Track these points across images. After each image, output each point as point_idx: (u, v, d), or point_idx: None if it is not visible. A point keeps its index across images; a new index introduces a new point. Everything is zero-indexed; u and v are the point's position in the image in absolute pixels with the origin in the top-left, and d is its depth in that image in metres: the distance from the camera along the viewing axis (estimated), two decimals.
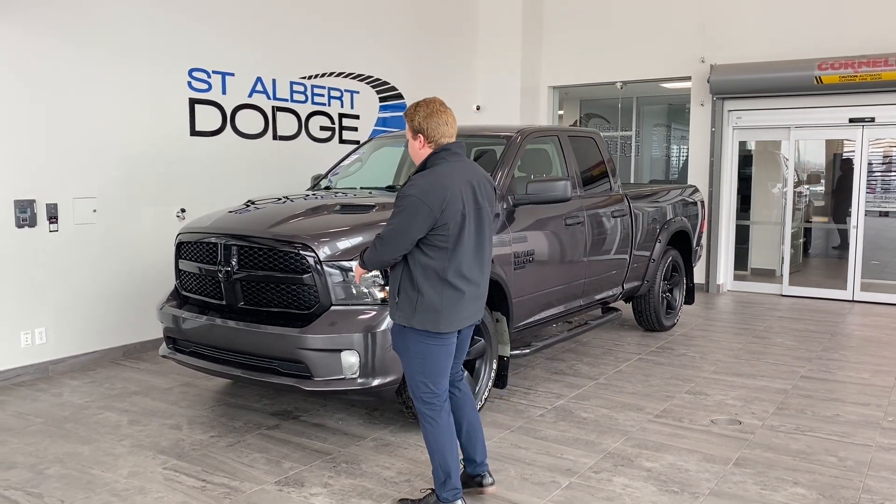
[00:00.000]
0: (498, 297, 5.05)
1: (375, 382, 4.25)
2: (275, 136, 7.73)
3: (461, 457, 3.66)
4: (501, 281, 4.96)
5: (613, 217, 6.44)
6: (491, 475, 3.76)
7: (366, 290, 4.28)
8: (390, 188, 5.57)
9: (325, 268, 4.24)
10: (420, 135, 3.35)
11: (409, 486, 3.89)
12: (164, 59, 6.59)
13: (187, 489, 3.85)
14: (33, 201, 5.74)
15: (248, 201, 5.38)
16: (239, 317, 4.54)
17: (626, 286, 6.85)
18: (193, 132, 6.92)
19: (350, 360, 4.20)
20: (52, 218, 5.88)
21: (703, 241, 9.89)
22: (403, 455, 4.31)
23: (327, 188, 5.98)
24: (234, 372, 4.51)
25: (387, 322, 4.19)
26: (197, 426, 4.79)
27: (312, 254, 4.24)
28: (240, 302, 4.55)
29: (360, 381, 4.22)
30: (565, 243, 5.77)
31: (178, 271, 5.02)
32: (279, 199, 5.35)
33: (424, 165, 3.36)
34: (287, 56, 7.77)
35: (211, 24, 6.98)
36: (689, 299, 8.03)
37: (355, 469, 4.12)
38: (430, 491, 3.60)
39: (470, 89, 10.78)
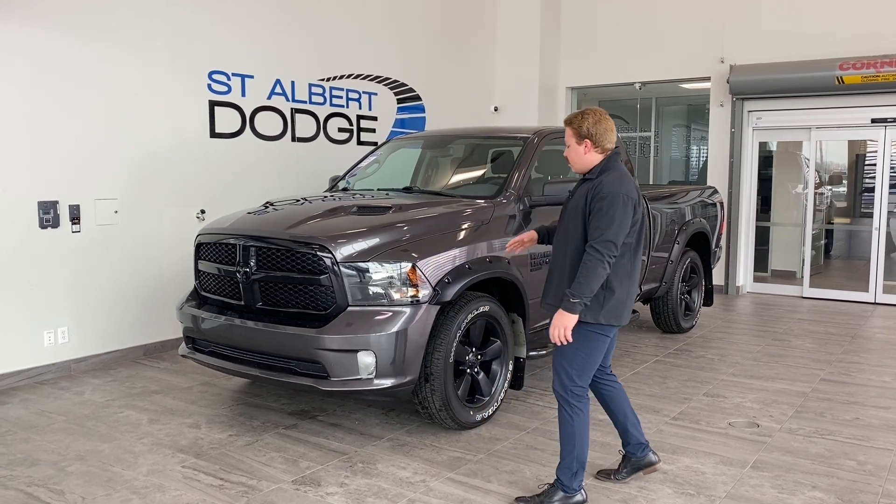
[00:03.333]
0: (514, 299, 5.07)
1: (391, 383, 4.27)
2: (293, 138, 7.79)
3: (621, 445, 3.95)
4: (517, 282, 4.97)
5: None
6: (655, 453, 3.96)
7: (383, 292, 4.30)
8: (407, 189, 5.59)
9: (342, 269, 4.27)
10: (588, 140, 3.50)
11: (425, 487, 3.91)
12: (184, 61, 6.66)
13: (206, 487, 3.89)
14: (56, 202, 5.83)
15: (267, 202, 5.43)
16: (257, 317, 4.58)
17: (643, 288, 6.82)
18: (213, 134, 6.99)
19: (366, 360, 4.23)
20: (75, 219, 5.96)
21: (723, 242, 9.85)
22: (419, 455, 4.33)
23: (345, 189, 6.01)
24: (252, 372, 4.55)
25: (402, 322, 4.22)
26: (215, 425, 4.84)
27: (329, 255, 4.28)
28: (258, 302, 4.60)
29: (376, 381, 4.25)
30: None
31: (197, 272, 5.07)
32: (297, 200, 5.40)
33: (604, 168, 3.50)
34: (305, 58, 7.83)
35: (231, 26, 7.05)
36: (708, 301, 7.98)
37: (371, 469, 4.14)
38: (548, 486, 3.67)
39: (488, 90, 10.79)
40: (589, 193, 3.44)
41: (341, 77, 8.29)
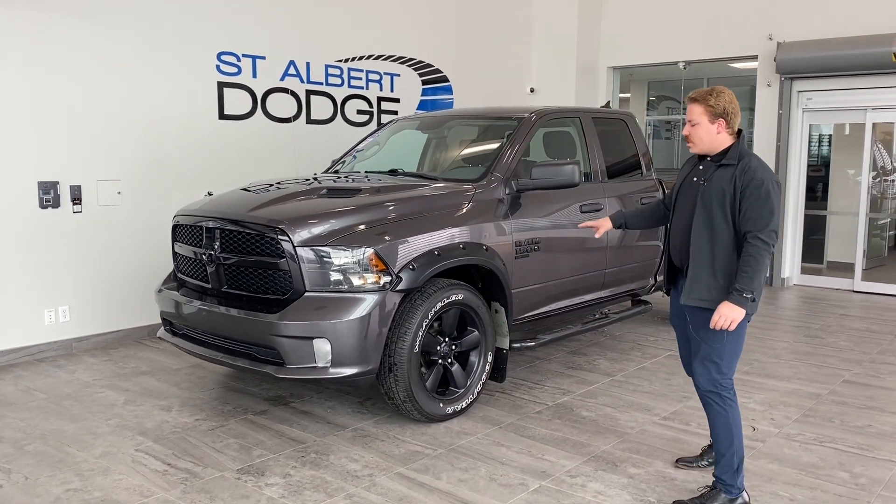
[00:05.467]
0: (495, 288, 4.84)
1: (349, 372, 4.12)
2: (308, 120, 7.69)
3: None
4: (497, 271, 4.73)
5: (643, 204, 6.05)
6: None
7: (342, 278, 4.14)
8: (393, 172, 5.41)
9: (300, 253, 4.13)
10: (722, 119, 3.37)
11: (370, 481, 3.74)
12: (191, 41, 6.63)
13: (149, 472, 3.84)
14: (56, 183, 5.90)
15: (248, 185, 5.33)
16: (222, 301, 4.50)
17: (659, 277, 6.45)
18: (222, 115, 6.95)
19: (323, 348, 4.08)
20: (76, 199, 6.02)
21: None
22: (377, 448, 4.17)
23: (336, 171, 5.88)
24: (216, 356, 4.48)
25: (361, 310, 4.06)
26: (187, 409, 4.79)
27: (287, 238, 4.14)
28: (223, 286, 4.51)
29: (332, 370, 4.10)
30: (581, 232, 5.45)
31: (174, 254, 5.03)
32: (278, 182, 5.28)
33: (742, 152, 3.36)
34: (322, 39, 7.71)
35: (242, 6, 6.98)
36: None
37: (322, 460, 4.01)
38: (707, 489, 3.52)
39: (524, 71, 10.46)
40: (737, 180, 3.28)
41: (361, 58, 8.15)
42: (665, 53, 10.16)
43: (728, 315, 3.24)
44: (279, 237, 4.17)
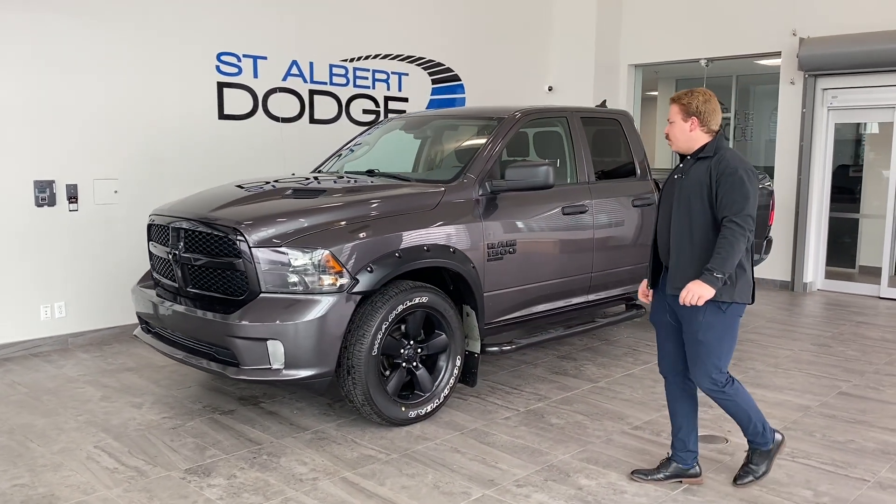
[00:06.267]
0: (466, 290, 4.76)
1: (303, 374, 4.10)
2: (311, 120, 7.71)
3: (671, 452, 3.83)
4: (465, 273, 4.65)
5: (635, 206, 5.90)
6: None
7: (297, 280, 4.12)
8: (370, 172, 5.37)
9: (255, 253, 4.12)
10: (695, 118, 3.48)
11: (312, 486, 3.71)
12: (190, 42, 6.70)
13: (99, 469, 3.88)
14: (52, 182, 6.03)
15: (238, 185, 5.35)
16: (187, 301, 4.53)
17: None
18: (222, 115, 7.02)
19: (277, 350, 4.07)
20: (72, 198, 6.14)
21: (789, 235, 9.00)
22: (331, 451, 4.13)
23: (318, 171, 5.87)
24: (178, 355, 4.51)
25: (316, 312, 4.04)
26: (157, 406, 4.84)
27: (243, 239, 4.14)
28: (188, 285, 4.54)
29: (285, 372, 4.09)
30: (562, 234, 5.34)
31: (149, 253, 5.08)
32: (275, 180, 5.26)
33: (718, 146, 3.48)
34: (326, 39, 7.72)
35: (243, 6, 7.03)
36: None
37: (272, 462, 3.99)
38: (747, 452, 3.77)
39: (542, 69, 10.31)
40: (713, 170, 3.41)
41: (367, 57, 8.13)
42: (686, 50, 9.89)
43: (696, 291, 3.32)
44: (235, 237, 4.17)
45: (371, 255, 4.24)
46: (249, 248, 4.12)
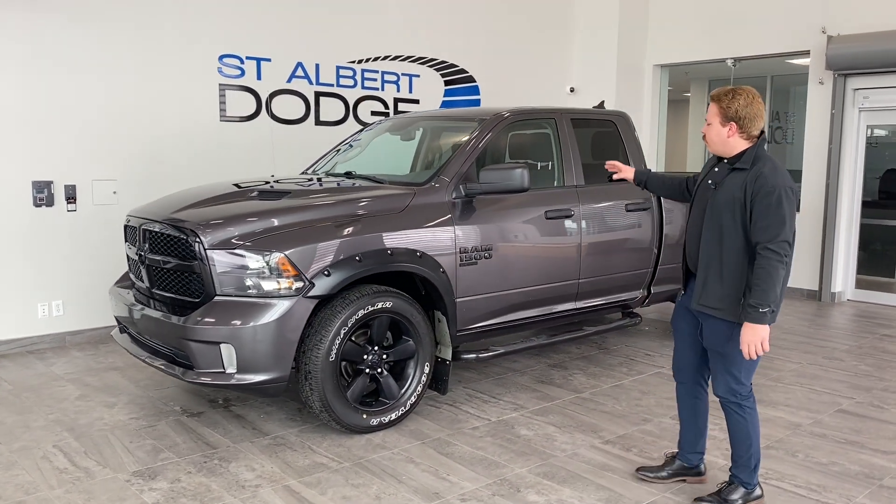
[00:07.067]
0: (436, 296, 4.64)
1: (255, 379, 4.04)
2: (317, 122, 7.69)
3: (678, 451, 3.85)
4: (432, 278, 4.53)
5: (629, 211, 5.68)
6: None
7: (251, 283, 4.06)
8: (348, 174, 5.29)
9: (210, 255, 4.08)
10: (734, 123, 3.28)
11: (252, 493, 3.65)
12: (192, 44, 6.74)
13: (49, 469, 3.89)
14: (51, 182, 6.13)
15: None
16: (151, 302, 4.53)
17: (654, 289, 6.03)
18: (224, 118, 7.05)
19: (229, 353, 4.02)
20: (70, 198, 6.24)
21: (816, 242, 8.62)
22: (284, 458, 4.07)
23: (303, 173, 5.82)
24: (143, 356, 4.51)
25: (268, 316, 3.98)
26: (130, 407, 4.85)
27: (198, 240, 4.11)
28: (154, 287, 4.54)
29: (237, 376, 4.04)
30: (545, 238, 5.17)
31: (126, 254, 5.11)
32: (276, 180, 5.24)
33: (757, 157, 3.26)
34: (333, 41, 7.69)
35: (246, 8, 7.04)
36: None
37: (220, 467, 3.94)
38: (724, 484, 3.59)
39: (564, 69, 10.10)
40: (748, 186, 3.19)
41: (376, 59, 8.08)
42: (711, 50, 9.55)
43: (752, 341, 3.16)
44: (191, 239, 4.14)
45: (329, 259, 4.16)
46: (204, 249, 4.08)
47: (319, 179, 5.26)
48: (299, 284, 4.07)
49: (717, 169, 3.40)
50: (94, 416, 4.67)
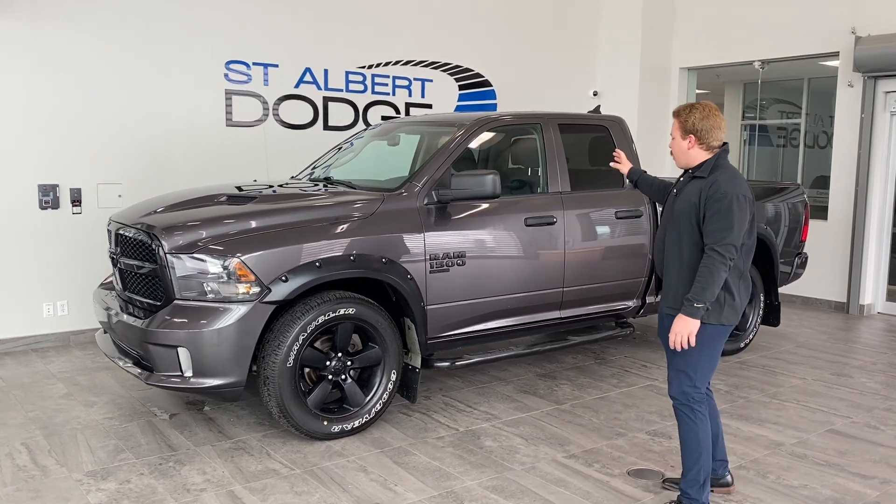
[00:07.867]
0: (404, 303, 4.60)
1: (211, 383, 4.07)
2: (325, 127, 7.74)
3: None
4: (398, 285, 4.48)
5: (619, 218, 5.53)
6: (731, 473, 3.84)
7: (209, 287, 4.09)
8: (327, 180, 5.29)
9: (170, 259, 4.12)
10: (692, 136, 3.44)
11: (195, 497, 3.66)
12: (198, 50, 6.85)
13: (9, 466, 3.98)
14: (56, 185, 6.32)
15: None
16: (122, 305, 4.61)
17: (650, 299, 5.86)
18: (230, 123, 7.15)
19: (186, 357, 4.05)
20: (76, 201, 6.42)
21: (844, 252, 8.26)
22: (239, 462, 4.08)
23: (291, 178, 5.85)
24: (114, 356, 4.58)
25: (223, 320, 4.00)
26: (108, 406, 4.95)
27: (160, 244, 4.16)
28: (125, 289, 4.62)
29: (193, 380, 4.07)
30: (524, 246, 5.06)
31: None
32: (280, 185, 5.29)
33: (715, 166, 3.41)
34: (342, 46, 7.72)
35: (254, 14, 7.13)
36: (774, 320, 6.66)
37: (173, 470, 3.97)
38: (673, 503, 3.56)
39: (586, 72, 9.92)
40: (703, 193, 3.36)
41: (386, 64, 8.08)
42: (739, 52, 9.25)
43: (681, 329, 3.30)
44: (153, 243, 4.20)
45: (287, 264, 4.15)
46: (165, 253, 4.13)
47: (284, 184, 5.27)
48: (257, 290, 4.08)
49: (682, 179, 3.58)
50: (71, 415, 4.77)
